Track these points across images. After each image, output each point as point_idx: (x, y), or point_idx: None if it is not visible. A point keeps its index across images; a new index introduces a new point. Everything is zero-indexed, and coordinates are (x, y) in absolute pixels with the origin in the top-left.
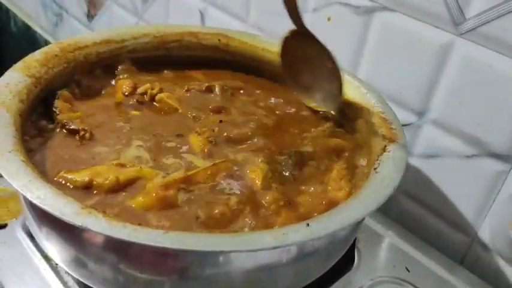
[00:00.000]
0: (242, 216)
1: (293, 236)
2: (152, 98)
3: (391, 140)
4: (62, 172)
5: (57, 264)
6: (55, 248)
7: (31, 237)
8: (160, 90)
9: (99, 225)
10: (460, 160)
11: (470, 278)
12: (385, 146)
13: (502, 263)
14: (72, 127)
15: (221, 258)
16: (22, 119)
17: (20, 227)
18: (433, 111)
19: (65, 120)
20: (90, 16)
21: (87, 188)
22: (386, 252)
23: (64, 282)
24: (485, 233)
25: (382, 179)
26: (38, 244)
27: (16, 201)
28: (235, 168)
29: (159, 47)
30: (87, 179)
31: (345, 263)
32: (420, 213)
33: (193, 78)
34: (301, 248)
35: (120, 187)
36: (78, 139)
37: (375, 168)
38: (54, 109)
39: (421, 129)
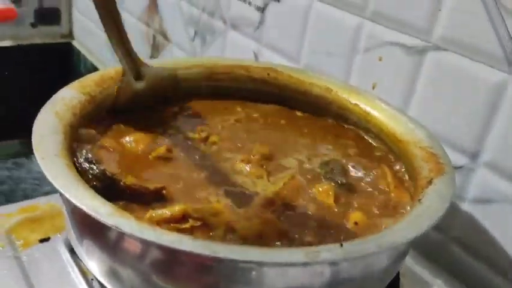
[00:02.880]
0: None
1: (325, 254)
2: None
3: (438, 173)
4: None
5: (92, 279)
6: (93, 260)
7: (71, 252)
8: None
9: (129, 225)
10: None
11: None
12: (432, 179)
13: None
14: None
15: (251, 272)
16: (72, 131)
17: (62, 242)
18: (487, 153)
19: None
20: (152, 58)
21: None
22: None
23: None
24: None
25: (426, 209)
26: (77, 259)
27: (61, 218)
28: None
29: (210, 78)
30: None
31: None
32: (472, 263)
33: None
34: (336, 273)
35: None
36: None
37: (419, 200)
38: None
39: (474, 172)
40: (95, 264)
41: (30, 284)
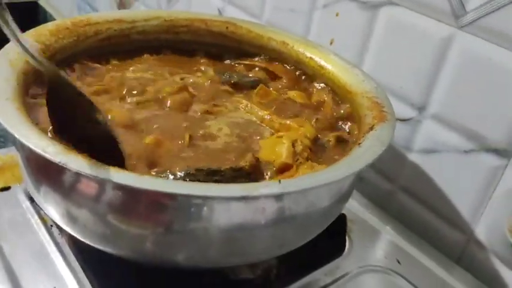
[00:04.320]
0: None
1: (263, 189)
2: None
3: (380, 121)
4: None
5: (51, 225)
6: (50, 205)
7: (31, 200)
8: None
9: (77, 163)
10: (458, 155)
11: (465, 277)
12: (373, 126)
13: (497, 263)
14: None
15: (196, 208)
16: (26, 78)
17: (22, 191)
18: (433, 106)
19: None
20: None
21: None
22: (379, 243)
23: (56, 243)
24: (481, 231)
25: (364, 151)
26: (37, 207)
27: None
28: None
29: (168, 31)
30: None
31: (336, 251)
32: (418, 209)
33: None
34: (277, 210)
35: None
36: None
37: (359, 144)
38: None
39: (421, 124)
40: (53, 209)
41: None
